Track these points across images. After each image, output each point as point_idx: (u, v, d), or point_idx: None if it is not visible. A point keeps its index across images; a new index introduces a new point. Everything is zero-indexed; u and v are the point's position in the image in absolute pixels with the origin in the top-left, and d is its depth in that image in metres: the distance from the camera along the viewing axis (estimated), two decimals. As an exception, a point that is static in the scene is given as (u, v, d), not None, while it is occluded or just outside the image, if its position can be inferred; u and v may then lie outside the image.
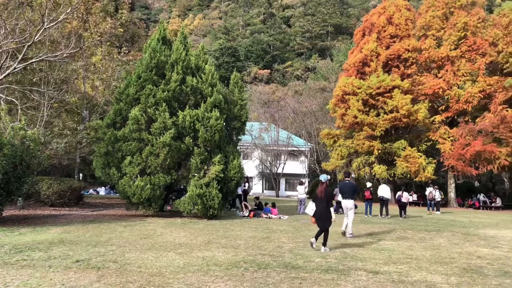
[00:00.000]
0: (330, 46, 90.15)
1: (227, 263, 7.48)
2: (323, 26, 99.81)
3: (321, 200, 9.23)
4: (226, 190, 15.31)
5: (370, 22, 35.83)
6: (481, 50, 30.71)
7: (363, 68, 33.72)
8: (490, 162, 28.61)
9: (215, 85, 15.76)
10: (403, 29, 33.44)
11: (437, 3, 33.47)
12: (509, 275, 7.29)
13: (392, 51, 32.37)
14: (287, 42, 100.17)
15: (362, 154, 32.07)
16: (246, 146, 42.81)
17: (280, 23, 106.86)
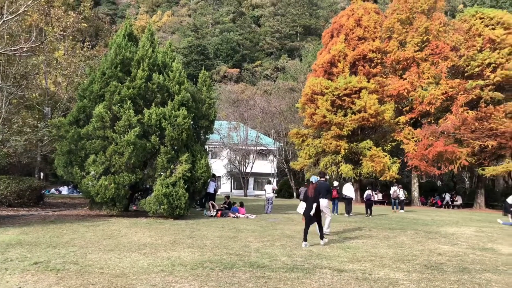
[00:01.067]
0: (299, 46, 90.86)
1: (193, 263, 7.40)
2: (293, 26, 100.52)
3: (312, 199, 9.83)
4: (193, 189, 15.14)
5: (338, 24, 36.32)
6: (443, 54, 31.67)
7: (331, 68, 34.16)
8: (452, 162, 29.54)
9: (183, 83, 15.56)
10: (371, 31, 34.09)
11: (401, 6, 34.30)
12: (467, 271, 7.53)
13: (358, 52, 32.97)
14: (257, 41, 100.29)
15: (330, 153, 32.48)
16: (214, 145, 42.59)
17: (250, 22, 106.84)
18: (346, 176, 32.23)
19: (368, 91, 30.95)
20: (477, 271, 7.57)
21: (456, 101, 30.56)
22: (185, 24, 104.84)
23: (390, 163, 30.86)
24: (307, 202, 9.93)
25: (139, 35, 18.80)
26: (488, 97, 29.72)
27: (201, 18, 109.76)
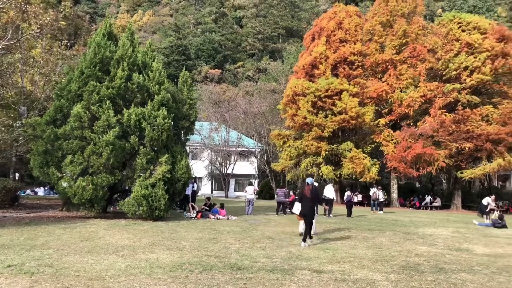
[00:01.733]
0: (281, 48, 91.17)
1: (171, 265, 7.33)
2: (275, 28, 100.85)
3: (308, 199, 10.23)
4: (173, 191, 15.00)
5: (320, 26, 36.58)
6: (421, 56, 32.23)
7: (312, 70, 34.37)
8: (430, 164, 30.03)
9: (163, 83, 15.42)
10: (353, 34, 34.45)
11: (382, 10, 34.78)
12: (443, 271, 7.65)
13: (339, 54, 33.26)
14: (239, 42, 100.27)
15: (310, 155, 32.66)
16: (195, 146, 42.34)
17: (232, 23, 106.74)
18: (327, 177, 32.46)
19: (349, 93, 31.24)
20: (453, 271, 7.70)
21: (434, 104, 31.09)
22: (167, 24, 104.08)
23: (370, 164, 31.20)
24: (302, 203, 10.29)
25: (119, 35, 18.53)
26: (465, 100, 30.33)
27: (183, 18, 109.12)
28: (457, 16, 33.84)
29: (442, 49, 32.43)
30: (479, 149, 29.35)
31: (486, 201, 20.85)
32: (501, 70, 30.24)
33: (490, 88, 31.73)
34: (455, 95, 30.36)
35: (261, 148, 45.20)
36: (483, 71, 29.82)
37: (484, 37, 31.18)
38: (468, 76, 30.38)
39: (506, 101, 30.33)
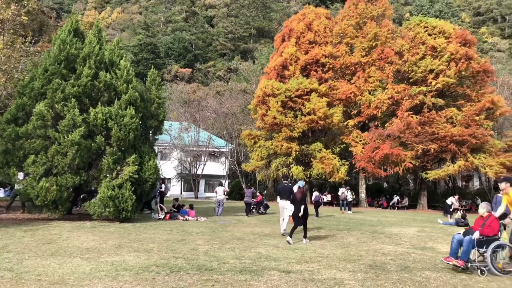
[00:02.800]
0: (253, 48, 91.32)
1: (138, 267, 7.17)
2: (246, 28, 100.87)
3: (300, 202, 10.97)
4: (141, 192, 14.72)
5: (290, 28, 36.83)
6: (389, 58, 32.95)
7: (283, 71, 34.56)
8: (397, 164, 30.72)
9: (131, 81, 15.11)
10: (322, 36, 34.84)
11: (351, 12, 35.36)
12: (409, 270, 7.80)
13: (310, 56, 33.56)
14: (210, 42, 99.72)
15: (281, 155, 32.81)
16: (164, 146, 41.79)
17: (202, 22, 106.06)
18: (297, 178, 32.65)
19: (319, 94, 31.56)
20: (418, 270, 7.86)
21: (401, 106, 31.84)
22: (136, 22, 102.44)
23: (339, 165, 31.62)
24: (295, 205, 11.00)
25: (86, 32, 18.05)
26: (430, 102, 31.22)
27: (153, 16, 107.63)
28: (424, 21, 34.84)
29: (409, 52, 33.29)
30: (444, 150, 30.25)
31: (450, 200, 21.50)
32: (464, 73, 31.30)
33: (455, 91, 32.78)
34: (421, 97, 31.20)
35: (232, 149, 45.07)
36: (448, 74, 30.79)
37: (448, 41, 32.22)
38: (433, 79, 31.29)
39: (469, 103, 31.43)
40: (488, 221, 7.77)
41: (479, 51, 45.37)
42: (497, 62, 60.42)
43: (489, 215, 7.90)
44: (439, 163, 33.44)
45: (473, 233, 7.62)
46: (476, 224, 7.94)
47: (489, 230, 7.65)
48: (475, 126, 29.89)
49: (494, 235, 7.65)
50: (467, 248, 7.49)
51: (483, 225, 7.77)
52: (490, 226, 7.69)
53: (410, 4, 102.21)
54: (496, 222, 7.73)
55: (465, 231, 7.99)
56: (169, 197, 27.79)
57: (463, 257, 7.50)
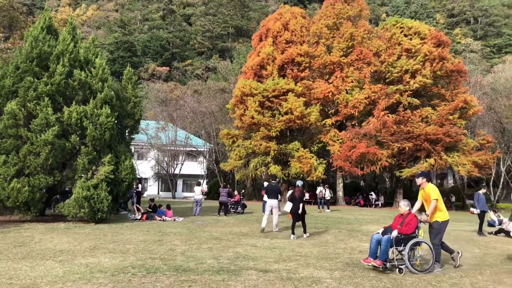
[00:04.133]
0: (231, 47, 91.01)
1: (114, 269, 7.05)
2: (224, 27, 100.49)
3: (298, 200, 11.85)
4: (117, 192, 14.49)
5: (267, 27, 36.84)
6: (367, 59, 33.36)
7: (260, 71, 34.53)
8: (373, 163, 31.14)
9: (106, 80, 14.85)
10: (298, 35, 34.95)
11: (328, 13, 35.63)
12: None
13: (287, 55, 33.64)
14: (188, 40, 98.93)
15: (260, 154, 32.82)
16: (141, 146, 41.30)
17: (180, 20, 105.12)
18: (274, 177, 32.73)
19: (295, 93, 31.69)
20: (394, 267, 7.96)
21: (378, 105, 32.27)
22: (112, 20, 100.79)
23: (316, 164, 31.80)
24: (293, 202, 11.84)
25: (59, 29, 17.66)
26: (406, 102, 31.77)
27: (129, 14, 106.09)
28: (400, 21, 35.43)
29: (385, 52, 33.80)
30: (419, 148, 30.83)
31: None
32: (438, 73, 32.01)
33: (430, 91, 33.44)
34: (397, 97, 31.72)
35: (210, 148, 44.87)
36: (424, 74, 31.40)
37: (423, 42, 32.86)
38: (409, 79, 31.86)
39: (444, 103, 32.14)
40: (407, 219, 7.64)
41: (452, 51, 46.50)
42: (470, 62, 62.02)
43: (408, 212, 7.74)
44: (414, 162, 34.05)
45: (392, 232, 7.48)
46: (395, 222, 7.79)
47: (408, 228, 7.53)
48: (449, 125, 30.58)
49: (412, 233, 7.54)
50: (386, 247, 7.33)
51: (402, 223, 7.63)
52: (409, 224, 7.56)
53: (386, 5, 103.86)
54: (414, 220, 7.60)
55: (384, 230, 7.79)
56: (146, 197, 27.49)
57: (382, 257, 7.32)
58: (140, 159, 41.26)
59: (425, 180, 7.98)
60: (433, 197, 7.69)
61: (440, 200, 7.79)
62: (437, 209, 7.75)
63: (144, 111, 43.44)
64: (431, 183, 8.04)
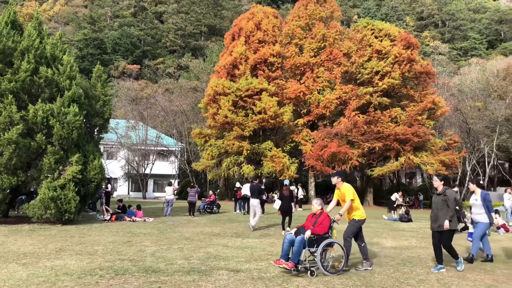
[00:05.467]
0: (204, 46, 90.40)
1: (80, 272, 6.86)
2: (197, 25, 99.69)
3: (286, 198, 13.18)
4: (85, 192, 14.14)
5: (239, 26, 36.79)
6: (337, 60, 33.78)
7: (233, 70, 34.44)
8: (344, 162, 31.57)
9: (74, 77, 14.47)
10: (271, 35, 35.05)
11: (301, 13, 35.87)
12: (354, 265, 7.98)
13: (259, 55, 33.69)
14: (159, 38, 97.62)
15: (232, 154, 32.73)
16: (110, 145, 40.51)
17: (152, 18, 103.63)
18: (248, 177, 32.71)
19: (269, 93, 31.78)
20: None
21: (349, 106, 32.74)
22: (81, 16, 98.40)
23: (289, 163, 31.98)
24: (282, 200, 13.06)
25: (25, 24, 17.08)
26: (376, 102, 32.36)
27: (99, 10, 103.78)
28: (371, 23, 36.05)
29: (356, 53, 34.31)
30: (388, 148, 31.47)
31: (394, 197, 22.39)
32: (407, 74, 32.75)
33: (399, 92, 34.16)
34: (368, 97, 32.25)
35: (182, 148, 44.40)
36: (393, 75, 32.05)
37: (393, 44, 33.53)
38: (379, 80, 32.46)
39: (412, 104, 32.90)
40: (319, 218, 7.37)
41: (421, 54, 47.65)
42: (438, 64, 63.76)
43: (321, 212, 7.50)
44: (384, 161, 34.73)
45: (305, 232, 7.12)
46: (308, 222, 7.47)
47: (320, 228, 7.24)
48: (418, 125, 31.34)
49: (325, 233, 7.27)
50: (298, 249, 6.96)
51: (315, 223, 7.33)
52: (322, 224, 7.28)
53: (358, 7, 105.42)
54: (327, 220, 7.34)
55: (297, 230, 7.40)
56: (115, 197, 26.98)
57: (294, 259, 6.93)
58: (109, 158, 40.48)
59: (340, 180, 7.75)
60: (348, 197, 7.54)
61: (356, 200, 7.63)
62: (354, 209, 7.65)
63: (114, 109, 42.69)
64: (347, 183, 7.83)
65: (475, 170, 39.62)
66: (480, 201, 8.55)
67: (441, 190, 7.59)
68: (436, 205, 7.54)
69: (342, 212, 7.55)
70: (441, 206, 7.42)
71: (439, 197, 7.55)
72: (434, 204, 7.66)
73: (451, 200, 7.36)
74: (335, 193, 7.94)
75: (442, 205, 7.40)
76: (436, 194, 7.73)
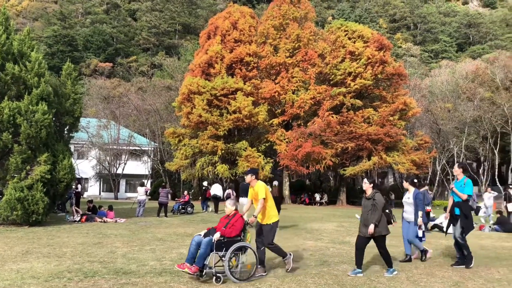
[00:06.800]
0: (178, 44, 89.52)
1: (47, 275, 6.68)
2: (171, 23, 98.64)
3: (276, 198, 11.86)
4: (54, 193, 13.77)
5: (215, 25, 36.57)
6: (312, 60, 34.05)
7: (208, 69, 34.19)
8: (318, 162, 31.86)
9: (43, 75, 14.06)
10: (247, 34, 34.97)
11: (275, 13, 36.00)
12: (327, 264, 8.07)
13: (235, 55, 33.57)
14: (132, 36, 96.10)
15: (207, 154, 32.48)
16: (81, 145, 39.67)
17: (125, 15, 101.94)
18: (223, 176, 32.59)
19: (244, 92, 31.72)
20: (335, 263, 8.16)
21: (323, 106, 33.07)
22: (51, 11, 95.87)
23: (263, 163, 32.00)
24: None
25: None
26: (349, 103, 32.81)
27: (70, 6, 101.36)
28: (344, 25, 36.52)
29: (330, 54, 34.69)
30: (361, 148, 31.93)
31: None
32: (380, 76, 33.34)
33: (372, 93, 34.75)
34: (341, 98, 32.65)
35: (155, 147, 43.81)
36: (365, 76, 32.55)
37: (367, 46, 34.06)
38: (352, 81, 32.91)
39: (385, 104, 33.52)
40: (232, 220, 6.79)
41: (394, 55, 48.58)
42: (410, 66, 65.23)
43: (235, 213, 6.93)
44: (356, 161, 35.23)
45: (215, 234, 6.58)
46: (220, 224, 6.90)
47: (231, 230, 6.66)
48: (390, 125, 31.93)
49: (236, 236, 6.70)
50: (204, 252, 6.41)
51: (227, 224, 6.76)
52: (234, 226, 6.71)
53: (332, 8, 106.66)
54: (240, 222, 6.78)
55: (207, 231, 6.90)
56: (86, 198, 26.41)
57: (198, 262, 6.39)
58: (80, 158, 39.63)
59: (254, 178, 7.16)
60: (261, 196, 6.95)
61: (269, 200, 7.13)
62: (269, 210, 7.10)
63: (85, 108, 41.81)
64: (261, 181, 7.28)
65: (445, 170, 40.70)
66: (412, 199, 8.40)
67: (370, 194, 7.21)
68: (366, 209, 7.20)
69: (256, 214, 6.95)
70: (370, 210, 7.09)
71: (369, 201, 7.20)
72: (363, 208, 7.31)
73: (379, 205, 7.04)
74: (249, 192, 7.36)
75: (372, 209, 7.07)
76: (365, 198, 7.35)
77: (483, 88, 42.45)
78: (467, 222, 7.82)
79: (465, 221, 7.82)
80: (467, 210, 7.86)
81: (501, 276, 7.42)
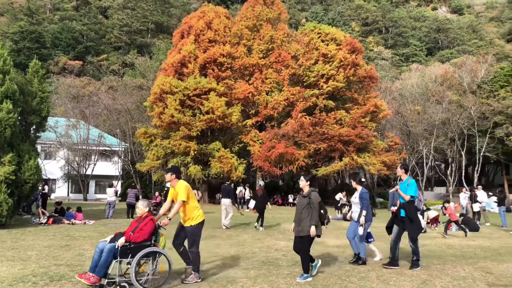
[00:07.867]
0: (150, 43, 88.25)
1: (11, 279, 6.42)
2: (143, 22, 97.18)
3: (260, 197, 14.86)
4: (19, 194, 13.29)
5: (189, 24, 36.27)
6: (285, 62, 34.24)
7: (181, 69, 33.86)
8: (291, 163, 32.06)
9: (8, 72, 13.57)
10: (222, 35, 34.84)
11: (248, 14, 36.02)
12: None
13: (209, 55, 33.37)
14: (103, 34, 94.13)
15: (179, 154, 32.14)
16: (48, 145, 38.57)
17: (96, 12, 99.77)
18: (195, 177, 32.29)
19: (217, 93, 31.55)
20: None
21: (296, 107, 33.31)
22: (17, 6, 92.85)
23: (237, 164, 31.91)
24: (256, 200, 15.17)
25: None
26: (322, 105, 33.18)
27: (37, 2, 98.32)
28: (318, 27, 36.94)
29: (303, 56, 34.97)
30: (333, 149, 32.31)
31: (338, 196, 22.94)
32: (352, 78, 33.87)
33: (344, 95, 35.25)
34: (314, 100, 32.98)
35: (126, 148, 43.05)
36: (338, 78, 32.97)
37: (339, 48, 34.52)
38: (324, 83, 33.28)
39: (356, 106, 34.07)
40: (142, 223, 6.19)
41: (365, 58, 49.42)
42: (381, 69, 66.51)
43: (147, 215, 6.30)
44: (329, 162, 35.64)
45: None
46: (130, 228, 6.29)
47: (139, 235, 6.07)
48: (361, 127, 32.45)
49: (145, 241, 6.12)
50: (106, 259, 5.87)
51: (135, 228, 6.16)
52: (142, 230, 6.10)
53: (306, 11, 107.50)
54: (150, 225, 6.17)
55: (114, 236, 6.23)
56: (53, 199, 25.68)
57: (99, 272, 5.86)
58: (48, 158, 38.56)
59: (175, 177, 6.63)
60: (181, 198, 6.43)
61: (192, 200, 6.63)
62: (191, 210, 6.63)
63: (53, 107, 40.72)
64: (183, 180, 6.72)
65: (414, 171, 41.66)
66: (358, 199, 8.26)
67: (307, 192, 6.94)
68: (300, 207, 6.87)
69: (171, 216, 6.36)
70: (305, 209, 6.77)
71: (304, 199, 6.86)
72: (298, 206, 7.00)
73: (315, 203, 6.74)
74: (169, 193, 6.83)
75: (306, 208, 6.76)
76: (301, 196, 7.02)
77: (451, 92, 43.72)
78: (412, 226, 7.67)
79: (410, 225, 7.65)
80: (412, 212, 7.65)
81: (466, 274, 7.63)
